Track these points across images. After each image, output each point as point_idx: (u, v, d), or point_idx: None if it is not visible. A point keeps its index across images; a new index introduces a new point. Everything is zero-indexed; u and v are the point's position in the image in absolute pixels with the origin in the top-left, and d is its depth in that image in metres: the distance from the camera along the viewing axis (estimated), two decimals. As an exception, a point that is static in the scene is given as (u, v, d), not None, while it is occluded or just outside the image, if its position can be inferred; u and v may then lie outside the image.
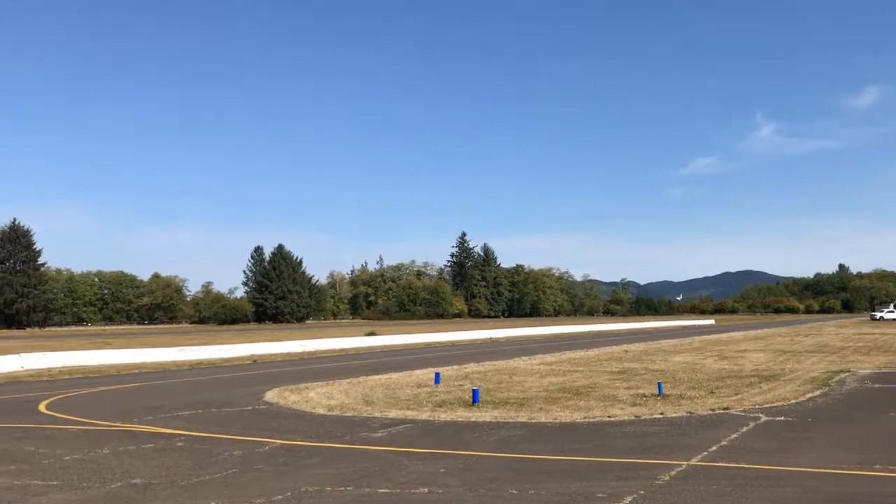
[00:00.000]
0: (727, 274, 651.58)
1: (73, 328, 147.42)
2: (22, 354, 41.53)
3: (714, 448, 13.77)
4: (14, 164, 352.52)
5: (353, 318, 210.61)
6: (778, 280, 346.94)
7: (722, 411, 18.84)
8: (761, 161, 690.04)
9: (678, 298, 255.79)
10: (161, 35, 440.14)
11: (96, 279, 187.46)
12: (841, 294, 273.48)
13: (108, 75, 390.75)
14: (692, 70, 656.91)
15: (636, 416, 18.23)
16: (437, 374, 28.46)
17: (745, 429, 16.07)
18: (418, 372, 32.94)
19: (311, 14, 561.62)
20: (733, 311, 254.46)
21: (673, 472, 11.72)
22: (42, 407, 22.79)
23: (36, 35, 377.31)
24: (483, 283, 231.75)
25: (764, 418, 17.66)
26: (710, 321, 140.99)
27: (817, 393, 22.73)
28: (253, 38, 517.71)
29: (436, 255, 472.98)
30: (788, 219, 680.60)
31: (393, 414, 19.57)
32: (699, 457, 12.96)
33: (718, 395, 22.41)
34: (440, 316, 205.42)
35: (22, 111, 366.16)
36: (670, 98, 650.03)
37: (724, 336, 68.77)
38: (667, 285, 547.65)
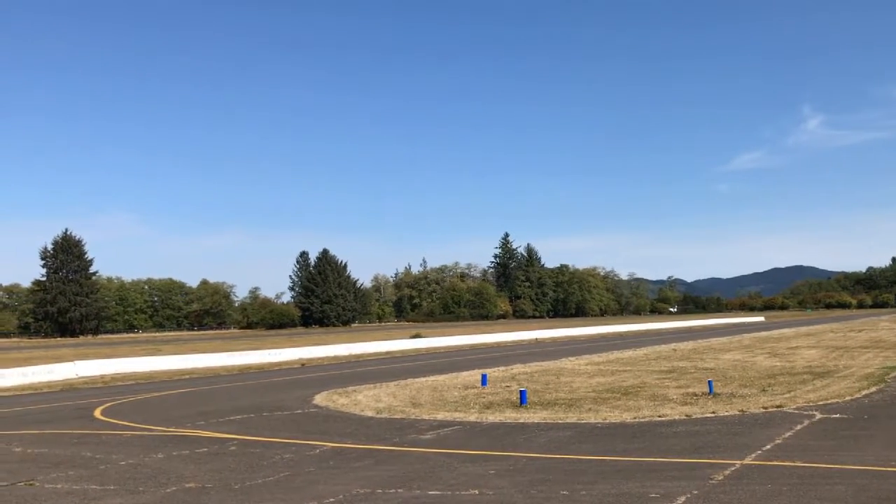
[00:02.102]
0: (776, 270, 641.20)
1: (125, 335, 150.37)
2: (76, 362, 42.60)
3: (768, 447, 13.53)
4: (65, 175, 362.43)
5: (398, 321, 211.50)
6: (829, 275, 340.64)
7: (775, 409, 18.52)
8: (809, 154, 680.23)
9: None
10: (202, 48, 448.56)
11: (146, 287, 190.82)
12: (895, 288, 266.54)
13: (154, 88, 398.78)
14: (737, 65, 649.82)
15: (687, 416, 18.01)
16: (484, 376, 28.43)
17: (799, 427, 15.77)
18: (465, 373, 32.96)
19: (353, 23, 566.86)
20: (783, 308, 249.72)
21: (727, 472, 11.54)
22: (97, 413, 23.32)
23: (86, 52, 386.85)
24: (527, 284, 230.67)
25: (819, 416, 17.31)
26: (760, 318, 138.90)
27: (873, 389, 22.23)
28: (293, 49, 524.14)
29: (479, 256, 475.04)
30: (839, 212, 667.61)
31: (441, 416, 19.61)
32: (753, 456, 12.75)
33: (771, 392, 22.04)
34: (484, 317, 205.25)
35: (69, 124, 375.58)
36: (715, 94, 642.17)
37: (775, 333, 67.61)
38: (715, 282, 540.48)
